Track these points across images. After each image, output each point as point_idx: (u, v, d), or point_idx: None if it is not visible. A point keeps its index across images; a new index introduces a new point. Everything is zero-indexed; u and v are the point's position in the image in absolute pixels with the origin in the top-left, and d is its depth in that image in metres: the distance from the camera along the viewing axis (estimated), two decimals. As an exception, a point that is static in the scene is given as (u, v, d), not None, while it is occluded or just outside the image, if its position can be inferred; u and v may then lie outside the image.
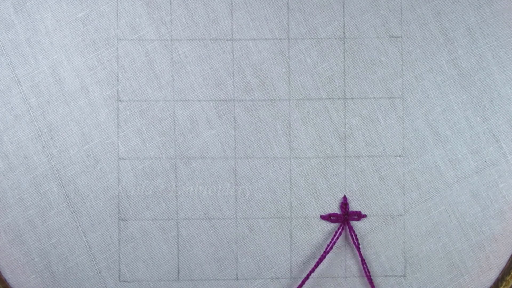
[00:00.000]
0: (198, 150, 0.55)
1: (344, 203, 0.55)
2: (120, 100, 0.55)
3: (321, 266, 0.55)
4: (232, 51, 0.55)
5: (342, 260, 0.56)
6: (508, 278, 0.55)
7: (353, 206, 0.56)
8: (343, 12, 0.55)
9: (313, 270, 0.53)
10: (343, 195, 0.55)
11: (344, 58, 0.55)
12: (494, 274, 0.55)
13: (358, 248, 0.54)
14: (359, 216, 0.55)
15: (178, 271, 0.55)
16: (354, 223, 0.55)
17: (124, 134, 0.55)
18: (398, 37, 0.56)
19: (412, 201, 0.55)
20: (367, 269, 0.54)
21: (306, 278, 0.54)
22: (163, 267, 0.55)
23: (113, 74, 0.55)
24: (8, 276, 0.54)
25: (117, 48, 0.55)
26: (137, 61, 0.55)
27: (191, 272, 0.55)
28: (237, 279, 0.55)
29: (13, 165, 0.54)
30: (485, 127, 0.56)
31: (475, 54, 0.56)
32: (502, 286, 0.54)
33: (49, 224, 0.54)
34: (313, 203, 0.55)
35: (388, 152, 0.55)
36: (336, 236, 0.55)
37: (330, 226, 0.56)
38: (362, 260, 0.54)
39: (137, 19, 0.55)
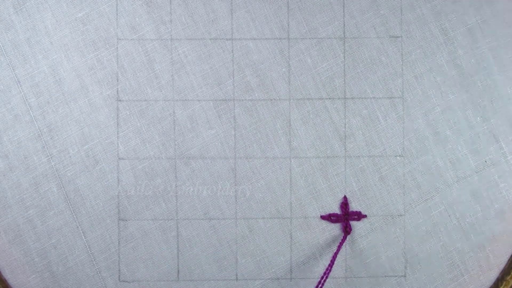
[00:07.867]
0: (198, 150, 0.55)
1: (345, 203, 0.55)
2: (120, 100, 0.55)
3: (321, 266, 0.55)
4: (232, 50, 0.55)
5: (342, 261, 0.55)
6: (508, 278, 0.54)
7: (353, 206, 0.55)
8: (343, 12, 0.55)
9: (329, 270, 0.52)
10: (343, 195, 0.55)
11: (344, 58, 0.55)
12: (494, 274, 0.55)
13: (339, 246, 0.53)
14: (359, 216, 0.55)
15: (178, 271, 0.55)
16: (354, 223, 0.55)
17: (124, 134, 0.55)
18: (398, 37, 0.56)
19: (412, 201, 0.55)
20: (329, 271, 0.53)
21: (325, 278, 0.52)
22: (163, 267, 0.55)
23: (113, 74, 0.55)
24: (8, 276, 0.54)
25: (117, 48, 0.55)
26: (137, 60, 0.55)
27: (191, 272, 0.55)
28: (237, 279, 0.55)
29: (13, 165, 0.54)
30: (485, 127, 0.56)
31: (475, 54, 0.56)
32: (502, 286, 0.54)
33: (49, 224, 0.54)
34: (313, 203, 0.55)
35: (388, 152, 0.55)
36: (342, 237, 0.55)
37: (330, 226, 0.55)
38: (333, 260, 0.53)
39: (137, 19, 0.55)
